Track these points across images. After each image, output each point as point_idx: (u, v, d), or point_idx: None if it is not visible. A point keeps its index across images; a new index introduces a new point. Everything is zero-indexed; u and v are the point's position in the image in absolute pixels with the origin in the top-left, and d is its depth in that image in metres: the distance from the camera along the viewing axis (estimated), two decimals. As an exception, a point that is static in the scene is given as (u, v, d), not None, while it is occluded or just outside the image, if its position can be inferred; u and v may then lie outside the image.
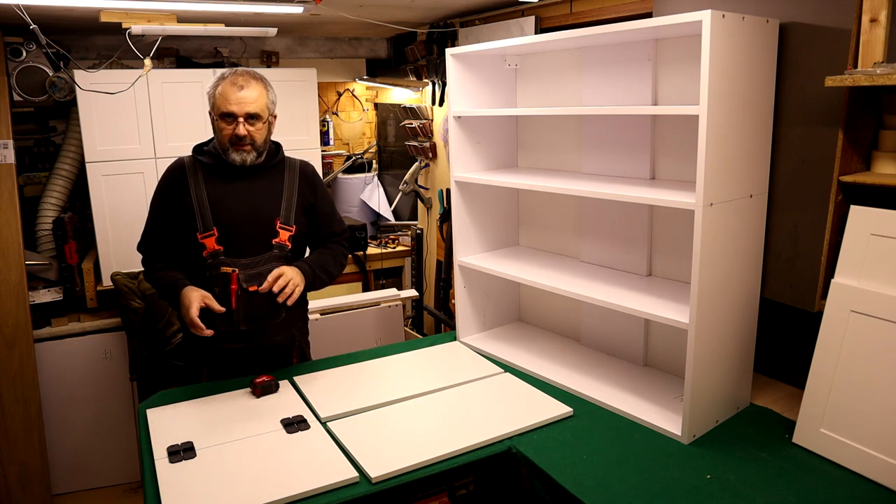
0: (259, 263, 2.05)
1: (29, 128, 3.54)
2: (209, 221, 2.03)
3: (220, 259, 2.03)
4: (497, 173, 2.41)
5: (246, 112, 1.99)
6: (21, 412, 3.11)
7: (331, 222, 2.26)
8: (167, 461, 1.68)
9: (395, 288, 3.64)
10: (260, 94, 2.03)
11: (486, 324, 2.61)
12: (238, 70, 2.06)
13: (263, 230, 2.08)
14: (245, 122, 2.00)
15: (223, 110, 2.00)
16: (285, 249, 2.10)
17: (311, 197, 2.20)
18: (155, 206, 2.14)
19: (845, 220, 1.67)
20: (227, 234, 2.04)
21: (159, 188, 2.14)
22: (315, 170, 2.28)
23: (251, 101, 2.00)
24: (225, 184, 2.09)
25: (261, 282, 2.01)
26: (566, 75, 2.33)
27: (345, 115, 4.63)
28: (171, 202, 2.09)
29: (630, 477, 1.62)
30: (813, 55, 1.73)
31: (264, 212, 2.09)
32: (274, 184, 2.14)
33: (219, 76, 2.06)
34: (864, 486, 1.55)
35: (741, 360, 1.91)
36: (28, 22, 2.24)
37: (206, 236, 2.03)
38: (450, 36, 3.47)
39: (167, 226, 2.10)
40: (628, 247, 2.20)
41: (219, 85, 2.02)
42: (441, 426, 1.85)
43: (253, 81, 2.03)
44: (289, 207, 2.13)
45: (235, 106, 1.99)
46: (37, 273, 3.28)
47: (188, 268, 2.08)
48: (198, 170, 2.09)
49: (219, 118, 2.02)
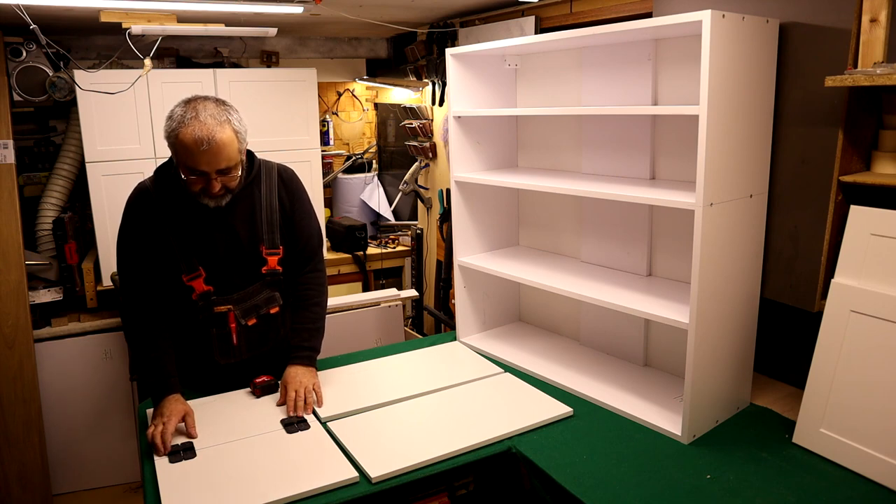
0: (252, 295, 1.98)
1: (29, 128, 3.54)
2: (193, 262, 1.89)
3: (213, 300, 1.93)
4: (497, 173, 2.41)
5: (218, 169, 1.78)
6: (21, 412, 3.11)
7: (309, 237, 2.09)
8: (167, 461, 1.68)
9: (395, 288, 3.64)
10: (229, 142, 1.77)
11: (486, 324, 2.61)
12: (198, 109, 1.76)
13: (250, 260, 1.97)
14: (218, 178, 1.80)
15: (192, 168, 1.77)
16: (277, 274, 2.01)
17: (290, 207, 2.04)
18: (128, 246, 1.91)
19: (845, 220, 1.67)
20: (214, 272, 1.92)
21: (127, 225, 1.91)
22: (294, 174, 2.10)
23: (222, 157, 1.76)
24: (199, 215, 1.90)
25: (258, 313, 1.97)
26: (566, 75, 2.33)
27: (345, 115, 4.63)
28: (145, 240, 1.89)
29: (630, 477, 1.62)
30: (813, 55, 1.73)
31: (248, 241, 1.95)
32: (251, 205, 1.96)
33: (178, 115, 1.77)
34: (864, 486, 1.55)
35: (741, 360, 1.91)
36: (28, 22, 2.24)
37: (193, 278, 1.90)
38: (450, 36, 3.47)
39: (146, 264, 1.91)
40: (628, 247, 2.20)
41: (179, 132, 1.74)
42: (441, 426, 1.85)
43: (218, 129, 1.74)
44: (271, 229, 1.98)
45: (205, 166, 1.76)
46: (37, 273, 3.28)
47: (175, 306, 1.95)
48: (166, 201, 1.89)
49: (187, 173, 1.78)
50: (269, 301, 2.02)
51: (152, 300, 1.93)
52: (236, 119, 1.84)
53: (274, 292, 2.03)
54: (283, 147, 3.51)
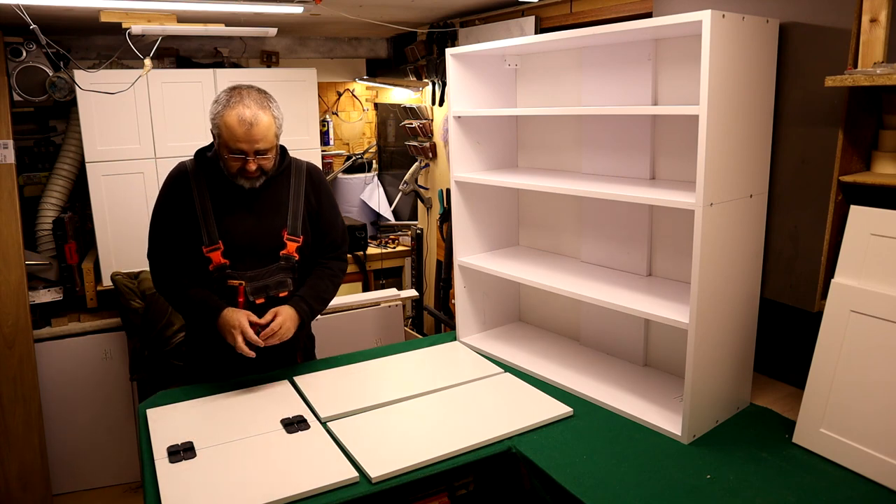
0: (265, 275, 2.05)
1: (29, 128, 3.54)
2: (214, 235, 2.00)
3: (227, 273, 2.02)
4: (497, 173, 2.41)
5: (256, 149, 1.93)
6: (21, 412, 3.12)
7: (333, 230, 2.21)
8: (167, 461, 1.68)
9: (395, 288, 3.65)
10: (269, 125, 1.94)
11: (486, 324, 2.61)
12: (243, 94, 1.94)
13: (270, 242, 2.06)
14: (255, 158, 1.95)
15: (232, 147, 1.92)
16: (292, 260, 2.09)
17: (316, 203, 2.16)
18: (160, 215, 2.07)
19: (845, 220, 1.67)
20: (233, 247, 2.02)
21: (163, 196, 2.08)
22: (321, 173, 2.24)
23: (261, 137, 1.92)
24: (230, 194, 2.04)
25: (268, 293, 2.05)
26: (566, 75, 2.33)
27: (345, 115, 4.63)
28: (176, 211, 2.04)
29: (630, 477, 1.62)
30: (813, 55, 1.73)
31: (271, 223, 2.06)
32: (280, 192, 2.09)
33: (224, 99, 1.94)
34: (864, 486, 1.55)
35: (741, 360, 1.91)
36: (28, 22, 2.24)
37: (212, 250, 2.00)
38: (450, 36, 3.47)
39: (174, 234, 2.05)
40: (628, 247, 2.20)
41: (224, 114, 1.92)
42: (441, 426, 1.85)
43: (261, 113, 1.92)
44: (296, 217, 2.09)
45: (245, 144, 1.91)
46: (37, 273, 3.28)
47: (196, 276, 2.05)
48: (201, 179, 2.04)
49: (227, 152, 1.94)
50: (280, 285, 2.08)
51: (176, 264, 2.06)
52: (275, 107, 2.00)
53: (287, 277, 2.09)
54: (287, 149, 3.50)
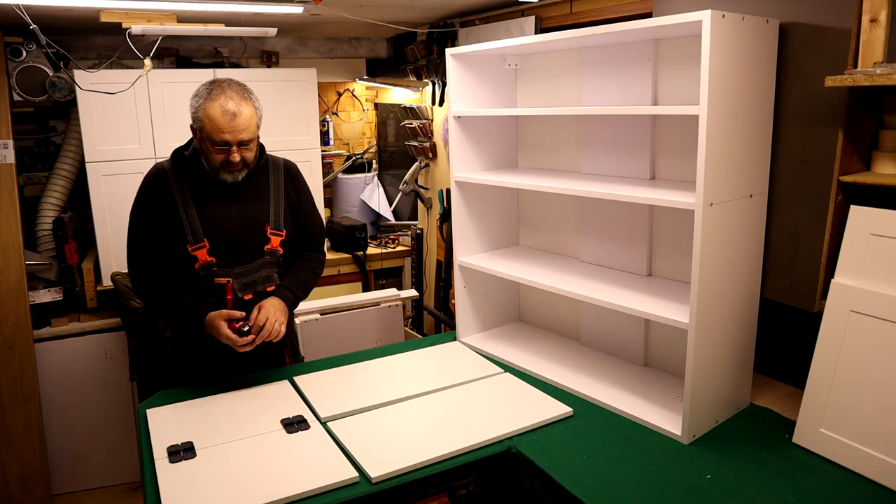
0: (252, 271, 2.06)
1: (29, 128, 3.54)
2: (199, 233, 2.00)
3: (213, 270, 2.02)
4: (497, 173, 2.41)
5: (239, 140, 1.94)
6: (21, 412, 3.12)
7: (312, 224, 2.25)
8: (167, 461, 1.68)
9: (395, 288, 3.64)
10: (251, 116, 1.95)
11: (486, 324, 2.61)
12: (224, 86, 1.94)
13: (254, 237, 2.07)
14: (239, 149, 1.95)
15: (216, 139, 1.92)
16: (277, 255, 2.10)
17: (296, 197, 2.18)
18: (140, 218, 2.05)
19: (845, 220, 1.67)
20: (218, 244, 2.02)
21: (141, 199, 2.06)
22: (298, 169, 2.25)
23: (244, 127, 1.93)
24: (211, 192, 2.04)
25: (255, 289, 2.06)
26: (566, 75, 2.33)
27: (345, 115, 4.63)
28: (157, 213, 2.02)
29: (630, 477, 1.62)
30: (813, 55, 1.73)
31: (254, 219, 2.07)
32: (261, 187, 2.10)
33: (204, 92, 1.94)
34: (864, 486, 1.55)
35: (741, 360, 1.91)
36: (28, 22, 2.24)
37: (197, 248, 2.00)
38: (450, 36, 3.47)
39: (154, 238, 2.03)
40: (628, 247, 2.20)
41: (206, 106, 1.92)
42: (441, 426, 1.85)
43: (243, 103, 1.93)
44: (277, 212, 2.11)
45: (229, 135, 1.91)
46: (37, 273, 3.28)
47: (179, 279, 2.04)
48: (181, 177, 2.03)
49: (210, 144, 1.94)
50: (266, 279, 2.09)
51: (157, 268, 2.06)
52: (255, 99, 2.01)
53: (273, 272, 2.11)
54: (283, 147, 3.47)
